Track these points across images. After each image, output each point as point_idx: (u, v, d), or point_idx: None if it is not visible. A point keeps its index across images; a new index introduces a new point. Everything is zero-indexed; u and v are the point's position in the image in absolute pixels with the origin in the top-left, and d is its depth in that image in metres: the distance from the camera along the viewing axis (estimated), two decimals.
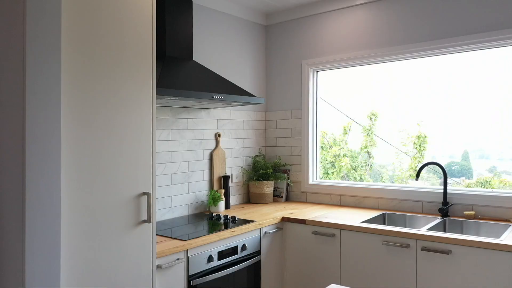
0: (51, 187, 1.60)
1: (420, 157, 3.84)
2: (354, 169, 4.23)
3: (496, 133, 3.20)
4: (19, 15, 1.55)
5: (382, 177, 4.12)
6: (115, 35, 1.88)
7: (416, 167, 3.74)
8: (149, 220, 2.02)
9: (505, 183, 3.33)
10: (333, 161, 4.26)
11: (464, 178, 3.70)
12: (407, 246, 2.41)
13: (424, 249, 2.35)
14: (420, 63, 3.25)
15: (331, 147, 4.34)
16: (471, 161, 3.71)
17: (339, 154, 4.26)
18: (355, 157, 4.25)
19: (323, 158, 4.20)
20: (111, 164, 1.87)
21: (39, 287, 1.56)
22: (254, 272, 2.73)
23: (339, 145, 4.34)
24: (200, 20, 3.22)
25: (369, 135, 4.09)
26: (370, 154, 4.20)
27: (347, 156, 4.28)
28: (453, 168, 3.76)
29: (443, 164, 2.85)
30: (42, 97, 1.57)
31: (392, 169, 4.16)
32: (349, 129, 4.37)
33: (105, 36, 1.84)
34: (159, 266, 2.13)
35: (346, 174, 4.18)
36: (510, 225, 2.51)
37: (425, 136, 3.81)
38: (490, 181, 3.46)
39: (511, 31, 2.62)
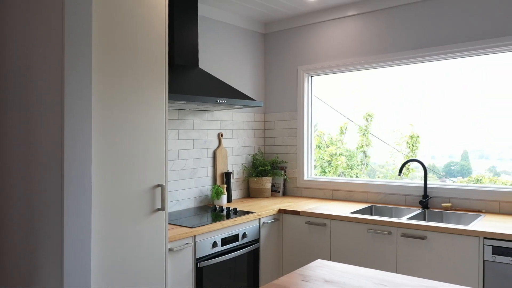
0: (83, 179, 1.91)
1: (413, 156, 4.12)
2: (351, 168, 4.52)
3: (496, 133, 3.29)
4: (58, 29, 1.86)
5: (377, 175, 4.38)
6: (135, 49, 2.19)
7: (408, 165, 4.01)
8: (162, 209, 2.33)
9: (495, 181, 3.58)
10: (330, 160, 4.55)
11: (461, 177, 3.89)
12: (389, 233, 2.72)
13: (403, 235, 2.66)
14: (412, 68, 3.50)
15: (328, 146, 4.63)
16: (470, 161, 3.79)
17: (335, 153, 4.54)
18: (354, 156, 4.53)
19: (321, 157, 4.48)
20: (131, 160, 2.18)
21: (74, 260, 1.87)
22: (253, 257, 3.04)
23: (336, 145, 4.64)
24: (204, 30, 3.53)
25: (365, 135, 4.38)
26: (366, 154, 4.49)
27: (343, 155, 4.57)
28: (453, 168, 3.85)
29: (442, 164, 3.14)
30: (76, 102, 1.88)
31: (391, 168, 4.40)
32: (346, 129, 4.66)
33: (127, 49, 2.15)
34: (170, 249, 2.44)
35: (342, 172, 4.46)
36: (480, 215, 2.82)
37: (418, 136, 4.08)
38: (481, 180, 3.69)
39: (495, 40, 2.93)
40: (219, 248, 2.77)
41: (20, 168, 2.04)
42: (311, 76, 3.92)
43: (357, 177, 4.29)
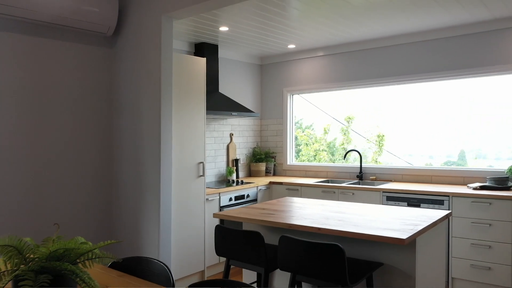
0: (168, 157, 3.76)
1: (379, 151, 5.56)
2: (333, 162, 5.90)
3: (493, 133, 3.46)
4: (157, 78, 3.71)
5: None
6: (190, 85, 4.06)
7: (376, 159, 5.39)
8: (203, 175, 4.19)
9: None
10: (315, 154, 6.30)
11: None
12: (334, 192, 4.59)
13: (341, 193, 4.53)
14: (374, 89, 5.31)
15: (313, 143, 6.36)
16: (467, 160, 4.01)
17: (319, 149, 6.29)
18: (343, 156, 5.64)
19: (307, 153, 5.96)
20: (188, 147, 4.04)
21: (164, 199, 3.72)
22: None
23: (320, 142, 6.15)
24: (222, 66, 5.39)
25: (346, 134, 5.68)
26: (346, 150, 6.06)
27: (325, 151, 6.22)
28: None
29: (440, 163, 4.89)
30: (165, 115, 3.73)
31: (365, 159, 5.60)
32: (329, 130, 5.80)
33: (186, 85, 4.02)
34: (207, 199, 4.30)
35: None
36: (389, 182, 4.70)
37: (383, 135, 5.77)
38: None
39: (423, 75, 4.81)
40: (233, 202, 4.63)
41: (130, 152, 3.90)
42: (292, 95, 5.79)
43: None
